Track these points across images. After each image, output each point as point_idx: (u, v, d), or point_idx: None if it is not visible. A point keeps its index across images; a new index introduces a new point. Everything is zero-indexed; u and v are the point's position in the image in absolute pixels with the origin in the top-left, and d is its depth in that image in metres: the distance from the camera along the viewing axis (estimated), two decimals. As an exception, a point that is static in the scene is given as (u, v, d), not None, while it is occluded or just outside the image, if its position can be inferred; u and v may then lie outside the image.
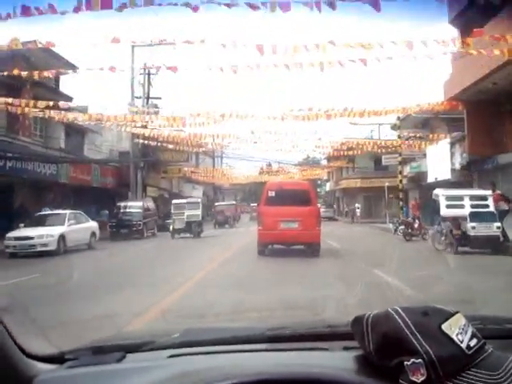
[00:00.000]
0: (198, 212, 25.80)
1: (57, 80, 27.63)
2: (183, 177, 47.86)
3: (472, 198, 15.88)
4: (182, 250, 18.60)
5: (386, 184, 36.15)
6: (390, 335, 1.18)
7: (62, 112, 19.57)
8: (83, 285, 8.87)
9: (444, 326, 1.17)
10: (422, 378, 1.10)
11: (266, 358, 1.44)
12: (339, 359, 1.34)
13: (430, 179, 28.18)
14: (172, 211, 26.68)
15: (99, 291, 8.28)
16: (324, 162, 62.88)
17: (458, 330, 1.17)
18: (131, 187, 34.24)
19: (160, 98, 36.15)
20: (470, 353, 1.14)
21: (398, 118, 30.64)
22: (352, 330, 1.33)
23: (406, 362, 1.12)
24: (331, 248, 16.46)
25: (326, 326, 1.67)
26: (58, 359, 1.46)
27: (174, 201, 28.40)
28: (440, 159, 25.62)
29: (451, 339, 1.15)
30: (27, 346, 1.37)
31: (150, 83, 35.69)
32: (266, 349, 1.53)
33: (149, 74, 35.92)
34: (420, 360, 1.11)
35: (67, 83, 29.37)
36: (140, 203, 28.20)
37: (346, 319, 1.46)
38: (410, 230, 20.57)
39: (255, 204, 54.43)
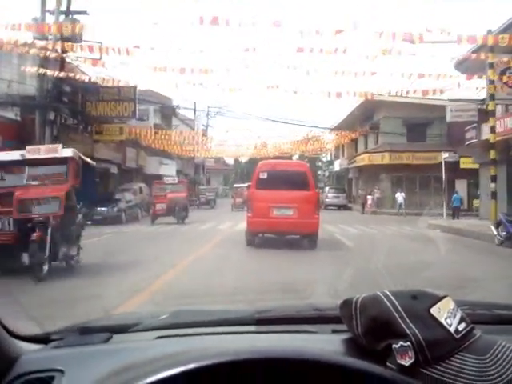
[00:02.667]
0: None
1: None
2: (140, 145, 34.44)
3: None
4: None
5: (445, 156, 22.83)
6: (378, 318, 1.18)
7: None
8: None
9: (433, 310, 1.16)
10: (410, 361, 1.09)
11: (254, 340, 1.43)
12: (327, 342, 1.32)
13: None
14: None
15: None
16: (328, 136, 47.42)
17: (446, 313, 1.16)
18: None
19: (86, 13, 22.60)
20: (458, 337, 1.13)
21: (489, 31, 17.26)
22: (340, 313, 1.31)
23: (394, 345, 1.11)
24: None
25: (314, 309, 1.67)
26: (43, 339, 1.45)
27: None
28: None
29: (440, 323, 1.14)
30: (12, 326, 1.36)
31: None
32: (254, 331, 1.53)
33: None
34: (408, 343, 1.10)
35: None
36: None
37: (335, 302, 1.39)
38: None
39: (242, 185, 40.89)
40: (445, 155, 23.21)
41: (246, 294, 5.76)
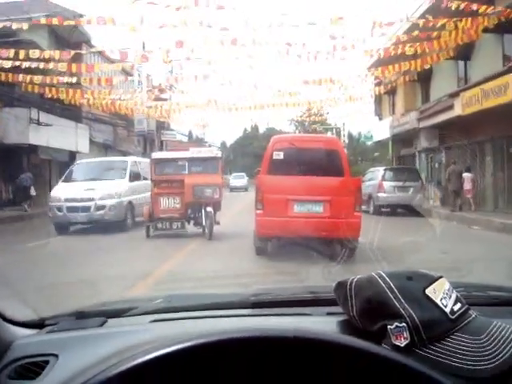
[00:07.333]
0: None
1: None
2: None
3: None
4: None
5: None
6: (373, 299, 1.17)
7: None
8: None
9: (428, 291, 1.15)
10: (406, 342, 1.08)
11: (248, 323, 1.43)
12: (322, 324, 1.33)
13: None
14: None
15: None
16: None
17: (442, 294, 1.15)
18: None
19: None
20: (453, 317, 1.13)
21: None
22: (335, 295, 1.31)
23: (389, 326, 1.11)
24: None
25: (309, 292, 1.68)
26: (37, 325, 1.45)
27: None
28: None
29: (435, 303, 1.14)
30: (6, 311, 1.36)
31: None
32: (249, 314, 1.54)
33: None
34: (403, 324, 1.10)
35: None
36: None
37: (330, 285, 1.38)
38: None
39: (178, 155, 16.04)
40: None
41: (240, 278, 5.86)
